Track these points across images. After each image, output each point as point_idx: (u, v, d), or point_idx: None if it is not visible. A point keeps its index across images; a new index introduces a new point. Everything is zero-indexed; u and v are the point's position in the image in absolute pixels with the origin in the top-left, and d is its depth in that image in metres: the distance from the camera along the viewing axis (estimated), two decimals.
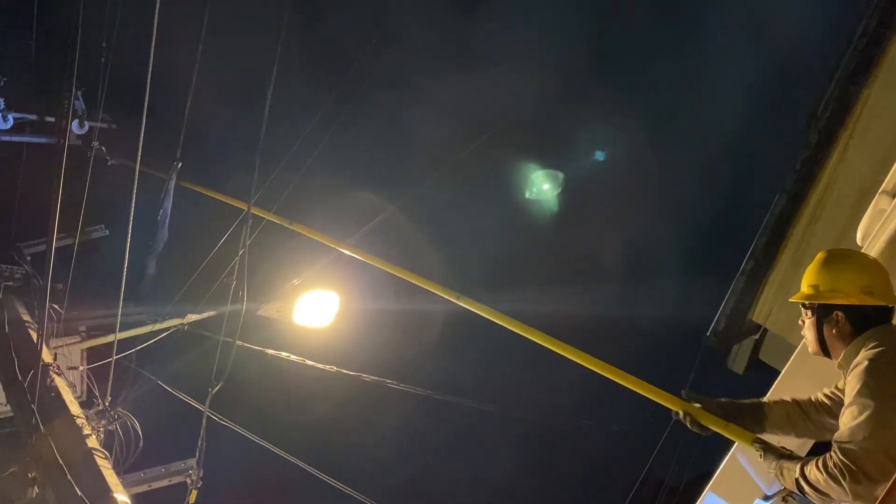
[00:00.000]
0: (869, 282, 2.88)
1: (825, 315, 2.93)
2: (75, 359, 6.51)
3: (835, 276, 2.92)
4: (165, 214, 6.64)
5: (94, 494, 4.37)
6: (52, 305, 5.93)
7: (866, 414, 2.56)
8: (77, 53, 3.61)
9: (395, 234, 10.40)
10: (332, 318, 7.19)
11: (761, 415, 3.12)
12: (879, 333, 2.81)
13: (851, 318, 2.87)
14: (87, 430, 5.10)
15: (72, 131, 7.44)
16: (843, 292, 2.87)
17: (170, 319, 6.81)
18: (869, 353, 2.73)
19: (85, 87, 7.14)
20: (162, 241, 6.82)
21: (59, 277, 6.39)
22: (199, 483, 5.68)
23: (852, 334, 2.87)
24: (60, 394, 5.31)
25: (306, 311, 7.13)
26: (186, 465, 5.75)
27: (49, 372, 5.41)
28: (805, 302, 3.00)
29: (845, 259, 2.99)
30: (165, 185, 6.45)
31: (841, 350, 2.91)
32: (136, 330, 6.60)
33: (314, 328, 7.24)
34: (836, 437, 2.65)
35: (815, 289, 2.96)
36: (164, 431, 7.08)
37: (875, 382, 2.61)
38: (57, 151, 4.67)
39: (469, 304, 4.16)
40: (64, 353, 6.36)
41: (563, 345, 3.61)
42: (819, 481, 2.62)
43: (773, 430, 3.10)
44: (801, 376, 3.44)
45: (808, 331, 3.02)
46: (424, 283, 4.43)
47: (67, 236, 6.74)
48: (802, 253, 7.15)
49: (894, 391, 2.58)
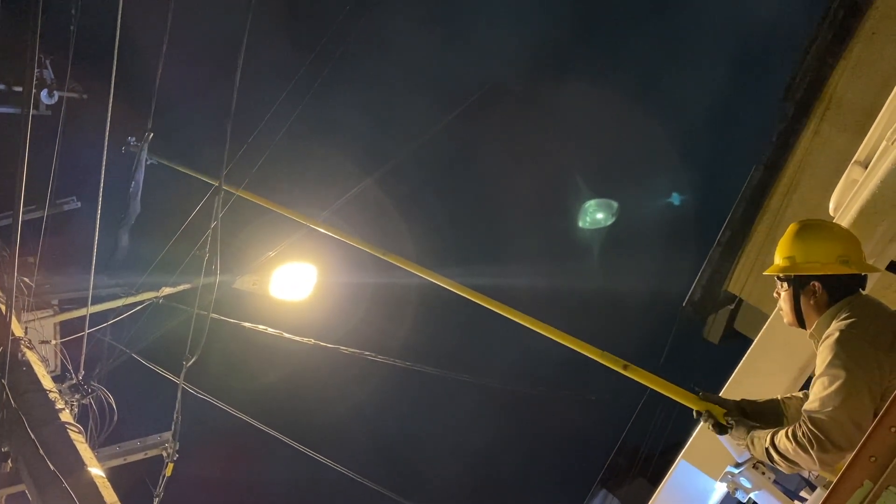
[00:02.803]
0: (844, 251, 2.88)
1: (802, 286, 2.93)
2: (48, 333, 6.41)
3: (810, 246, 2.92)
4: (137, 186, 6.54)
5: (67, 469, 4.32)
6: (21, 278, 5.84)
7: (836, 384, 2.58)
8: (41, 18, 3.50)
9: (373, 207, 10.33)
10: (310, 291, 7.14)
11: (779, 412, 3.10)
12: (851, 304, 2.83)
13: (828, 288, 2.88)
14: (61, 405, 5.02)
15: (41, 101, 7.27)
16: (820, 262, 2.88)
17: (144, 292, 6.73)
18: (840, 325, 2.74)
19: (54, 57, 6.98)
20: (134, 214, 6.72)
21: (29, 250, 6.29)
22: (175, 456, 5.65)
23: (828, 304, 2.88)
24: (32, 368, 5.22)
25: (283, 283, 7.07)
26: (162, 439, 5.71)
27: (20, 346, 5.32)
28: (781, 274, 3.01)
29: (819, 229, 2.97)
30: (137, 157, 6.34)
31: (814, 320, 2.92)
32: (109, 303, 6.52)
33: (291, 301, 7.19)
34: (805, 406, 2.67)
35: (791, 260, 2.95)
36: (139, 404, 7.04)
37: (846, 353, 2.63)
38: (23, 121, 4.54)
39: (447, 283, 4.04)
40: (36, 327, 6.27)
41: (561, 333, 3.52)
42: (788, 450, 2.65)
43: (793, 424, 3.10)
44: (774, 346, 3.47)
45: (785, 302, 3.02)
46: (402, 261, 4.32)
47: (38, 209, 6.63)
48: (778, 224, 7.20)
49: (864, 362, 2.60)
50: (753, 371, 3.53)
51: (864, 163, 3.34)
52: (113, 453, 5.64)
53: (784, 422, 3.09)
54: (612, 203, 14.82)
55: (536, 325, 3.62)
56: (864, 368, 2.59)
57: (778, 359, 3.38)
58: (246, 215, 6.50)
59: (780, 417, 3.11)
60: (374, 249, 4.46)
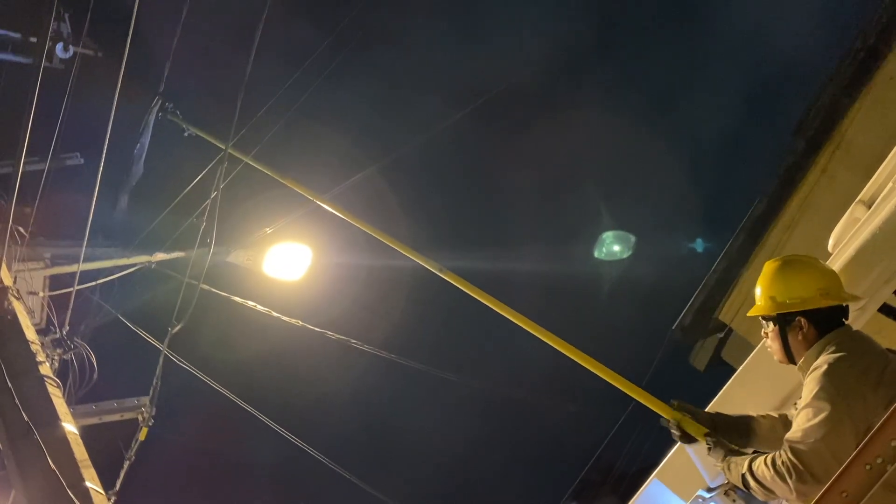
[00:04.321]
0: (823, 283, 2.89)
1: (788, 323, 2.92)
2: (37, 285, 6.39)
3: (790, 283, 2.93)
4: (142, 148, 6.52)
5: (41, 422, 4.30)
6: (16, 228, 5.81)
7: (821, 417, 2.59)
8: None
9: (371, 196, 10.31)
10: (303, 273, 7.12)
11: (749, 429, 3.11)
12: (839, 337, 2.84)
13: (814, 322, 2.88)
14: (42, 358, 5.01)
15: (55, 54, 7.25)
16: (801, 297, 2.88)
17: (137, 256, 6.71)
18: (829, 358, 2.75)
19: (73, 12, 6.96)
20: (136, 176, 6.71)
21: (27, 201, 6.27)
22: (150, 421, 5.63)
23: (816, 337, 2.88)
24: (17, 318, 5.20)
25: (277, 262, 7.05)
26: (139, 402, 5.69)
27: (7, 295, 5.30)
28: (764, 315, 3.01)
29: (796, 265, 2.99)
30: (145, 119, 6.32)
31: (801, 355, 2.92)
32: (101, 262, 6.51)
33: (283, 281, 7.18)
34: (788, 436, 2.68)
35: (773, 300, 2.96)
36: (120, 367, 7.02)
37: (832, 387, 2.63)
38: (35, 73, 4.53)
39: (451, 277, 4.01)
40: (25, 278, 6.24)
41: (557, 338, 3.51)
42: (766, 477, 2.65)
43: (761, 444, 3.09)
44: (758, 375, 3.46)
45: (773, 341, 3.02)
46: (408, 251, 4.26)
47: (41, 160, 6.60)
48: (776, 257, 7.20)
49: (850, 397, 2.61)
50: (736, 398, 3.53)
51: (868, 202, 3.34)
52: (88, 411, 5.63)
53: (754, 439, 3.10)
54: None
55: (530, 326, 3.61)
56: (850, 403, 2.59)
57: (762, 387, 3.38)
58: (246, 190, 6.49)
59: (750, 434, 3.12)
60: (381, 235, 4.38)
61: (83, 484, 4.01)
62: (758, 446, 3.09)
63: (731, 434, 3.08)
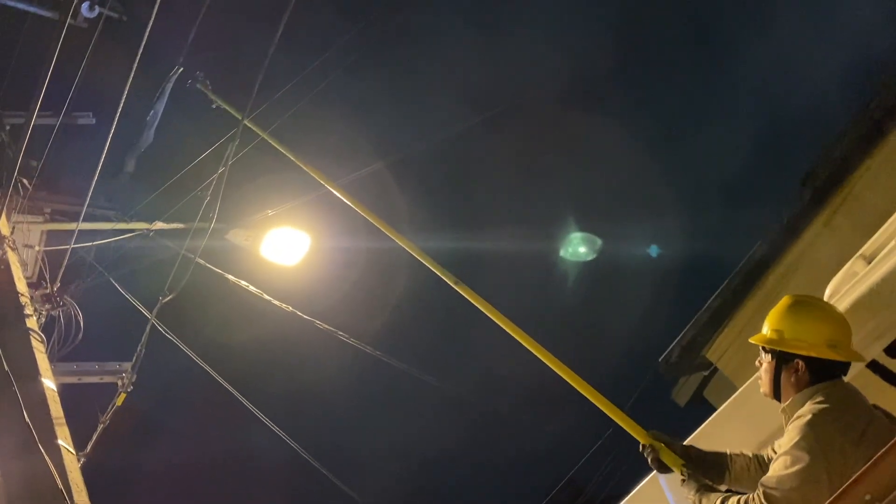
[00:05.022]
0: (833, 335, 2.85)
1: (785, 361, 2.90)
2: (34, 238, 6.37)
3: (801, 324, 2.89)
4: (155, 116, 6.51)
5: (21, 374, 4.29)
6: (20, 179, 5.81)
7: (798, 466, 2.57)
8: None
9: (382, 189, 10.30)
10: (300, 260, 7.12)
11: (724, 466, 3.10)
12: (830, 389, 2.81)
13: (811, 369, 2.85)
14: (30, 311, 5.01)
15: (80, 12, 7.25)
16: (808, 342, 2.84)
17: (137, 222, 6.70)
18: (814, 408, 2.73)
19: None
20: (146, 143, 6.70)
21: (35, 154, 6.27)
22: (129, 387, 5.63)
23: (808, 384, 2.85)
24: (10, 268, 5.20)
25: (275, 245, 7.04)
26: (121, 368, 5.69)
27: (3, 244, 5.30)
28: (766, 346, 3.01)
29: (813, 308, 2.96)
30: (161, 87, 6.32)
31: (790, 396, 2.91)
32: (100, 224, 6.50)
33: (279, 265, 7.17)
34: (763, 480, 2.67)
35: (780, 334, 2.92)
36: (106, 331, 7.01)
37: (814, 438, 2.62)
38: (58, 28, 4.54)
39: (466, 291, 3.83)
40: (23, 230, 6.23)
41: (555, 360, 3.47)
42: None
43: (735, 483, 3.07)
44: (739, 415, 3.47)
45: (765, 373, 2.99)
46: (423, 256, 4.04)
47: (53, 116, 6.59)
48: (770, 302, 7.15)
49: (830, 450, 2.59)
50: (715, 435, 3.53)
51: (868, 258, 3.36)
52: (69, 370, 5.62)
53: (727, 476, 3.10)
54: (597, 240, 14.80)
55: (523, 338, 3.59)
56: (829, 456, 2.58)
57: (742, 428, 3.39)
58: (253, 171, 6.49)
59: (724, 471, 3.11)
60: (396, 235, 4.25)
61: (55, 441, 4.00)
62: (730, 484, 3.09)
63: (704, 469, 3.07)
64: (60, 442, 4.01)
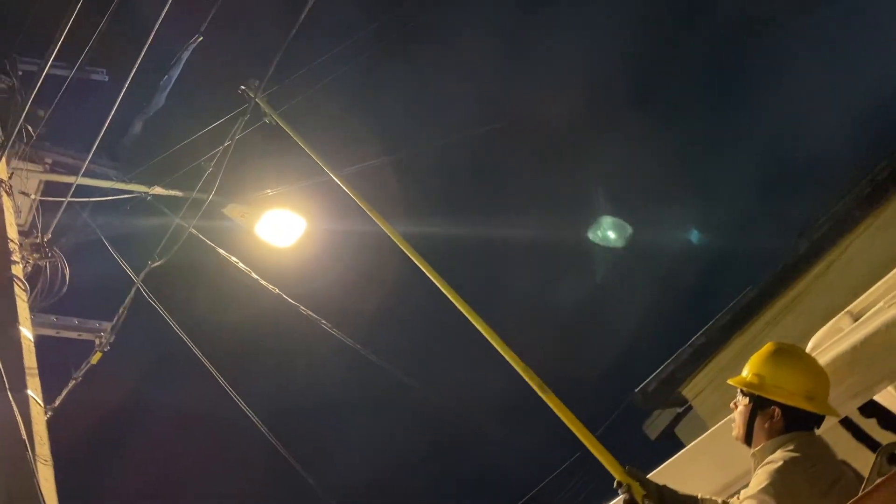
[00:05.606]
0: (812, 387, 2.87)
1: (762, 406, 2.92)
2: (31, 187, 6.33)
3: (782, 371, 2.92)
4: (169, 81, 6.50)
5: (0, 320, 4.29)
6: (25, 125, 5.79)
7: None
8: None
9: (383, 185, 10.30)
10: (293, 243, 7.10)
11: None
12: (802, 439, 2.83)
13: (786, 417, 2.86)
14: (17, 258, 4.99)
15: None
16: (787, 390, 2.86)
17: (136, 184, 6.68)
18: (785, 455, 2.74)
19: None
20: (156, 107, 6.68)
21: (44, 103, 6.24)
22: (106, 347, 5.60)
23: (781, 431, 2.87)
24: (2, 212, 5.18)
25: (270, 226, 7.02)
26: (101, 327, 5.66)
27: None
28: (745, 388, 3.02)
29: (795, 358, 2.99)
30: (178, 54, 6.31)
31: (761, 442, 2.93)
32: (100, 181, 6.47)
33: (272, 246, 7.15)
34: None
35: (760, 379, 2.94)
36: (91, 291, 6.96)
37: (782, 485, 2.63)
38: None
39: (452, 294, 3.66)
40: (21, 177, 6.20)
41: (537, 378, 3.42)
42: None
43: None
44: (708, 454, 3.48)
45: (740, 416, 3.01)
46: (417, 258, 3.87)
47: (67, 68, 6.57)
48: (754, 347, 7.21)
49: (796, 499, 2.60)
50: (682, 471, 3.54)
51: (855, 315, 3.37)
52: (48, 322, 5.59)
53: None
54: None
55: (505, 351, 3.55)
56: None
57: (708, 467, 3.39)
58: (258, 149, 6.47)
59: None
60: (384, 223, 4.17)
61: (25, 391, 3.98)
62: None
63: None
64: (30, 392, 4.00)
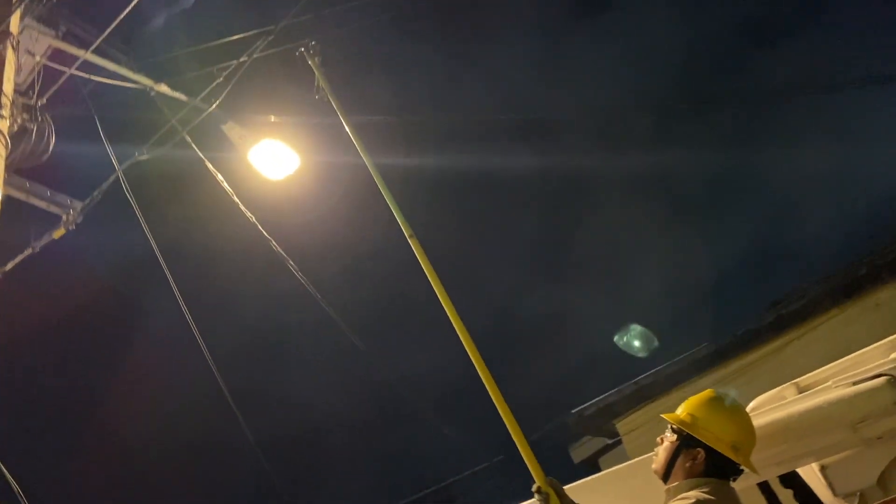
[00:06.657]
0: (740, 439, 2.94)
1: (688, 446, 2.97)
2: (39, 48, 6.19)
3: (715, 417, 2.98)
4: None
5: None
6: None
7: None
8: None
9: None
10: (282, 178, 7.03)
11: None
12: (717, 485, 2.89)
13: (708, 461, 2.93)
14: (5, 113, 4.89)
15: None
16: (715, 435, 2.93)
17: (143, 76, 6.56)
18: (699, 495, 2.80)
19: None
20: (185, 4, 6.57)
21: None
22: (72, 225, 5.51)
23: (700, 473, 2.93)
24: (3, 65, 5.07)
25: (264, 155, 6.94)
26: (71, 204, 5.58)
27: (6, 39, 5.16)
28: (675, 425, 3.07)
29: (730, 410, 3.04)
30: None
31: (678, 479, 2.98)
32: (107, 62, 6.34)
33: (261, 175, 7.07)
34: None
35: (693, 419, 3.01)
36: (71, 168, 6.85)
37: None
38: None
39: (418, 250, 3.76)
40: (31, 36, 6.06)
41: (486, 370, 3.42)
42: None
43: None
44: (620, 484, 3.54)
45: (664, 451, 3.06)
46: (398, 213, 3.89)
47: None
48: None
49: None
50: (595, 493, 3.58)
51: (801, 388, 3.43)
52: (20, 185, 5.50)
53: None
54: None
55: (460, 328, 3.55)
56: None
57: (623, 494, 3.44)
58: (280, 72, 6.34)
59: None
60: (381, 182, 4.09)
61: None
62: None
63: None
64: None
